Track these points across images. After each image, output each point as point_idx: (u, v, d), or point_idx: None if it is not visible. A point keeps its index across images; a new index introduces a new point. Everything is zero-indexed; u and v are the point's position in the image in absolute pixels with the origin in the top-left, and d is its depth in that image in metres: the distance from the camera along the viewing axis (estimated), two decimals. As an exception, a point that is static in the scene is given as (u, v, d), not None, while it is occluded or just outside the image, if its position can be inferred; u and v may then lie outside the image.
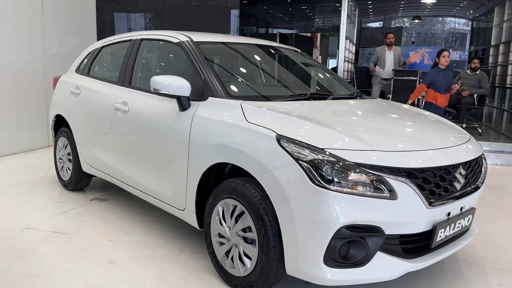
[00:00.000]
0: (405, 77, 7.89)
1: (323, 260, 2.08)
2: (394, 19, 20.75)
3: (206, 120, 2.61)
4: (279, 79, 3.53)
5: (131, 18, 13.36)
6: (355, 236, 2.09)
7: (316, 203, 2.05)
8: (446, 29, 20.54)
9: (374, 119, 2.79)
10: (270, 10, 12.40)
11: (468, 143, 2.63)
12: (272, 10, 12.39)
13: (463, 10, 15.12)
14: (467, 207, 2.49)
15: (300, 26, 13.72)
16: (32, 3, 6.03)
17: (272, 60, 3.60)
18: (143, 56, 3.50)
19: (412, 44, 23.17)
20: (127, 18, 13.36)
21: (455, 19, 19.16)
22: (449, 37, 20.42)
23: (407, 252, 2.26)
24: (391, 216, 2.10)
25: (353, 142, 2.19)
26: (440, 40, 20.89)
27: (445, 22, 21.09)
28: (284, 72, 3.59)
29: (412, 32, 23.12)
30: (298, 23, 13.30)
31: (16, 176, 4.77)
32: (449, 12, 17.26)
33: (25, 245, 3.04)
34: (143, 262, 2.83)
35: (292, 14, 12.53)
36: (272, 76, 3.56)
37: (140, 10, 12.67)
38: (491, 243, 3.37)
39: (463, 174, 2.41)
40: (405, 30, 22.74)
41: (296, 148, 2.14)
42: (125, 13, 13.09)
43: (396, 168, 2.12)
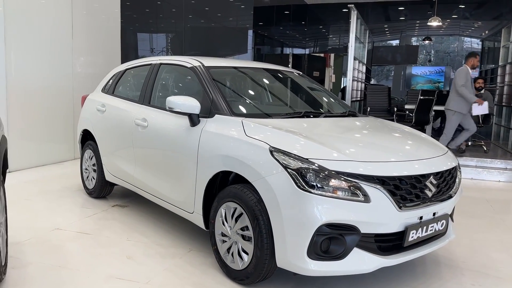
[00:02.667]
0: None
1: (307, 254, 2.44)
2: (410, 37, 21.07)
3: (212, 134, 3.03)
4: (280, 98, 3.95)
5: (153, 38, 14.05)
6: (334, 233, 2.45)
7: (301, 205, 2.43)
8: (466, 47, 20.69)
9: (357, 134, 3.18)
10: (285, 31, 12.91)
11: (442, 156, 2.98)
12: (287, 31, 12.89)
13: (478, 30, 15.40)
14: (440, 213, 2.82)
15: (313, 46, 14.19)
16: (63, 26, 6.63)
17: (274, 81, 4.02)
18: (161, 78, 3.96)
19: (429, 62, 23.40)
20: (149, 38, 14.06)
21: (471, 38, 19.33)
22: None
23: (382, 249, 2.61)
24: (365, 217, 2.46)
25: (333, 153, 2.57)
26: (460, 58, 21.04)
27: (463, 41, 21.27)
28: (284, 92, 4.01)
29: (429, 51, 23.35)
30: (312, 44, 13.76)
31: (46, 185, 5.27)
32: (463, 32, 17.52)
33: (54, 242, 3.48)
34: (156, 258, 3.23)
35: (306, 35, 12.98)
36: (273, 96, 3.97)
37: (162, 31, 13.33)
38: (474, 250, 3.67)
39: (434, 183, 2.75)
40: (424, 48, 23.01)
41: (285, 158, 2.54)
42: (147, 34, 13.78)
43: (370, 176, 2.49)
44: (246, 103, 3.57)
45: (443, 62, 21.64)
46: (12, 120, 5.88)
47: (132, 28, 13.15)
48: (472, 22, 14.28)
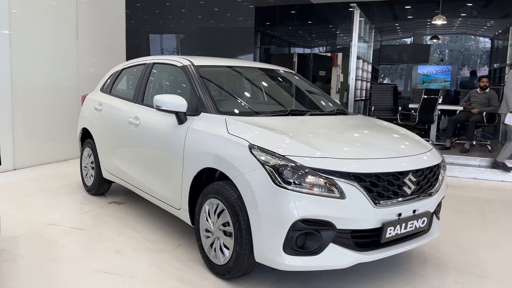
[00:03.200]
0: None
1: (283, 249, 2.49)
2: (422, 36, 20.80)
3: (198, 132, 3.09)
4: (268, 97, 4.00)
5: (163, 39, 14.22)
6: (309, 229, 2.49)
7: (277, 201, 2.48)
8: (481, 46, 20.38)
9: (339, 132, 3.21)
10: (291, 31, 12.93)
11: (424, 154, 3.00)
12: (293, 31, 12.91)
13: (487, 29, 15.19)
14: (421, 211, 2.83)
15: (320, 45, 14.17)
16: (68, 27, 6.78)
17: (264, 80, 4.07)
18: (154, 78, 4.04)
19: (441, 62, 23.09)
20: (160, 39, 14.23)
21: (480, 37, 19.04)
22: (483, 54, 20.23)
23: (359, 245, 2.64)
24: (340, 213, 2.49)
25: (310, 150, 2.61)
26: (475, 57, 20.73)
27: (478, 40, 20.94)
28: (273, 91, 4.05)
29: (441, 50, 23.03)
30: (319, 43, 13.74)
31: (47, 182, 5.39)
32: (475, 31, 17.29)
33: (48, 237, 3.58)
34: (144, 253, 3.30)
35: (312, 34, 12.98)
36: (262, 94, 4.02)
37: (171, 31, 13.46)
38: (463, 248, 3.66)
39: (414, 181, 2.77)
40: (438, 47, 22.72)
41: (263, 155, 2.58)
42: (158, 35, 13.95)
43: (345, 173, 2.53)
44: (233, 101, 3.63)
45: (457, 62, 21.35)
46: (17, 119, 6.03)
47: (144, 29, 13.32)
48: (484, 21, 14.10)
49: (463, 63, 20.16)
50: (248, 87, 3.99)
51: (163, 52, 13.59)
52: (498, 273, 3.19)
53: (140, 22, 13.24)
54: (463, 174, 6.87)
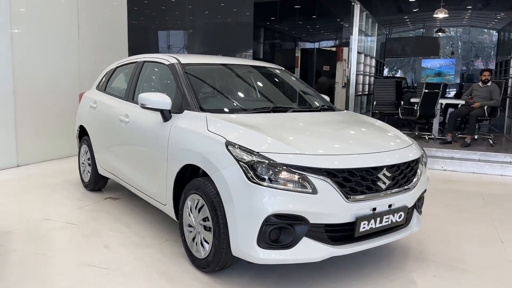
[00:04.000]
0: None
1: (257, 243, 2.55)
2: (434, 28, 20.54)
3: (180, 129, 3.17)
4: (253, 94, 4.05)
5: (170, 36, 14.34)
6: (283, 223, 2.54)
7: (250, 196, 2.54)
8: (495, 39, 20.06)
9: (318, 128, 3.25)
10: (295, 25, 12.91)
11: (402, 149, 3.03)
12: (298, 25, 12.90)
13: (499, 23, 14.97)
14: (397, 205, 2.87)
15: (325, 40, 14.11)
16: (69, 25, 6.91)
17: (251, 77, 4.12)
18: (144, 75, 4.12)
19: (451, 55, 22.80)
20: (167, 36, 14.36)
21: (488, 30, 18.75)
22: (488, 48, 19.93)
23: (334, 239, 2.69)
24: (313, 208, 2.55)
25: (284, 147, 2.66)
26: (488, 49, 20.45)
27: (491, 33, 20.62)
28: (260, 88, 4.10)
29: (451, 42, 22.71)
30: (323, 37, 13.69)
31: (48, 178, 5.53)
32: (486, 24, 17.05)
33: (41, 232, 3.70)
34: (131, 248, 3.40)
35: (317, 29, 12.95)
36: (247, 91, 4.07)
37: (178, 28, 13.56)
38: (448, 243, 3.68)
39: (389, 176, 2.80)
40: (450, 40, 22.42)
41: (238, 151, 2.65)
42: (165, 31, 14.08)
43: (317, 169, 2.58)
44: (218, 99, 3.69)
45: (470, 55, 21.07)
46: (20, 116, 6.18)
47: (153, 26, 13.45)
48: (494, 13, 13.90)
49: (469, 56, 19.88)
50: (234, 84, 4.04)
51: (170, 48, 13.71)
52: (480, 267, 3.22)
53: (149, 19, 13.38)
54: (463, 169, 6.84)
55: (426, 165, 3.31)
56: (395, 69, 25.36)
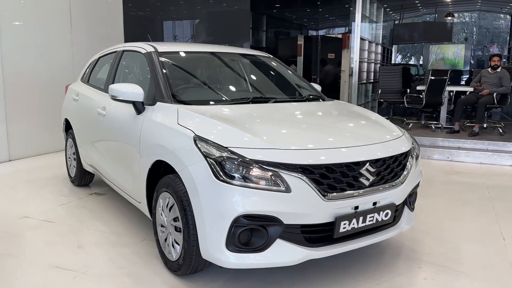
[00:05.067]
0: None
1: (226, 246, 2.34)
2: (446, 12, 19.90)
3: (151, 122, 2.96)
4: (235, 84, 3.81)
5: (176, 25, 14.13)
6: (253, 225, 2.33)
7: (218, 196, 2.33)
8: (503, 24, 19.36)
9: (298, 120, 3.01)
10: (299, 13, 12.55)
11: (389, 142, 2.78)
12: (301, 12, 12.53)
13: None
14: (383, 203, 2.63)
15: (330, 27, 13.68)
16: (61, 17, 6.74)
17: (233, 66, 3.87)
18: (123, 66, 3.92)
19: (465, 41, 22.12)
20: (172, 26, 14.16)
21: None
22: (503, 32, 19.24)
23: (312, 241, 2.47)
24: (286, 208, 2.33)
25: (255, 141, 2.44)
26: (504, 35, 19.75)
27: (507, 18, 19.91)
28: (242, 77, 3.86)
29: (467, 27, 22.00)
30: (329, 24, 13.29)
31: (37, 173, 5.40)
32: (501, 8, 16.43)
33: (16, 231, 3.55)
34: (106, 247, 3.22)
35: (321, 16, 12.56)
36: (228, 81, 3.83)
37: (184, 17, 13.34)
38: (445, 240, 3.44)
39: (373, 171, 2.56)
40: (465, 25, 21.73)
41: (206, 147, 2.43)
42: (171, 21, 13.86)
43: (291, 165, 2.35)
44: (194, 89, 3.46)
45: (485, 40, 20.39)
46: (11, 111, 6.05)
47: (159, 17, 13.25)
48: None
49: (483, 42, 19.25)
50: (215, 73, 3.81)
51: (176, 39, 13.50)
52: (475, 269, 2.97)
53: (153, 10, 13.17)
54: (470, 159, 6.54)
55: (419, 158, 3.07)
56: (408, 56, 24.74)
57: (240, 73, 3.86)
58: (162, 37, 12.76)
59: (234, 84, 3.80)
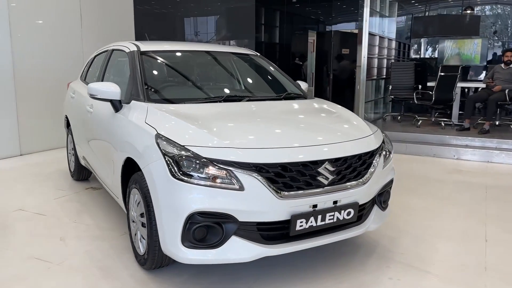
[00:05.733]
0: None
1: (181, 241, 2.41)
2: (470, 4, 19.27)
3: (125, 120, 3.05)
4: (213, 82, 3.85)
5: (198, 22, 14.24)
6: (208, 222, 2.38)
7: (174, 193, 2.40)
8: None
9: (265, 118, 3.03)
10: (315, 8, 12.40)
11: (354, 141, 2.77)
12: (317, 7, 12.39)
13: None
14: (344, 202, 2.63)
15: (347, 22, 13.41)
16: (71, 14, 6.95)
17: (213, 65, 3.92)
18: (112, 64, 4.03)
19: (494, 34, 21.34)
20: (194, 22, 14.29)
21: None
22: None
23: (269, 238, 2.50)
24: (240, 205, 2.37)
25: (213, 140, 2.49)
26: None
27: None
28: (222, 75, 3.91)
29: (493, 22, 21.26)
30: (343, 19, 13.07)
31: (43, 167, 5.61)
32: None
33: (9, 223, 3.72)
34: (86, 241, 3.35)
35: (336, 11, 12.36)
36: (206, 80, 3.88)
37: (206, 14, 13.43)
38: (423, 240, 3.39)
39: (332, 170, 2.57)
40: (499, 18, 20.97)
41: (165, 145, 2.50)
42: (192, 18, 13.99)
43: (245, 163, 2.39)
44: (170, 88, 3.52)
45: (510, 35, 19.59)
46: (22, 106, 6.30)
47: (179, 14, 13.41)
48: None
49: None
50: (194, 72, 3.87)
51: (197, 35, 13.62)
52: (444, 269, 2.93)
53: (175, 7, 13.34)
54: (476, 158, 6.38)
55: (390, 156, 3.05)
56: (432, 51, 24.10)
57: (220, 71, 3.90)
58: (183, 35, 12.89)
59: (211, 82, 3.85)
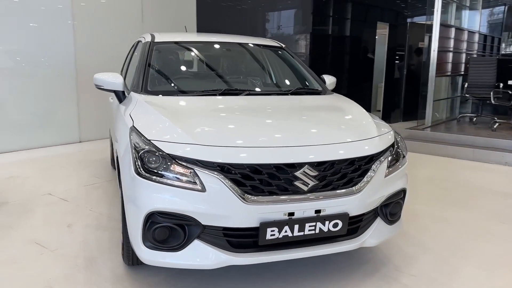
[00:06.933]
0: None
1: (142, 242, 2.27)
2: None
3: (121, 110, 3.00)
4: (217, 75, 3.64)
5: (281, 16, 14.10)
6: (169, 223, 2.22)
7: (134, 190, 2.27)
8: None
9: (253, 114, 2.79)
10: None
11: (346, 144, 2.44)
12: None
13: None
14: (330, 212, 2.32)
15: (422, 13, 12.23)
16: (133, 11, 7.21)
17: (228, 57, 3.73)
18: (135, 56, 4.03)
19: None
20: (277, 16, 14.18)
21: None
22: None
23: (239, 246, 2.28)
24: (202, 208, 2.17)
25: (181, 136, 2.31)
26: None
27: None
28: (228, 68, 3.70)
29: None
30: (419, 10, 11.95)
31: (91, 155, 5.88)
32: None
33: (31, 206, 3.89)
34: (90, 230, 3.37)
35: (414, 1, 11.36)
36: (211, 72, 3.68)
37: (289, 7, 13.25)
38: (445, 263, 2.92)
39: (313, 175, 2.27)
40: None
41: (136, 138, 2.38)
42: (275, 12, 13.88)
43: (209, 162, 2.18)
44: (172, 80, 3.39)
45: None
46: (82, 97, 6.68)
47: (260, 8, 13.42)
48: None
49: None
50: (202, 64, 3.71)
51: (279, 29, 13.51)
52: None
53: (256, 1, 13.35)
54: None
55: (401, 163, 2.64)
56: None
57: (231, 63, 3.71)
58: (263, 29, 12.82)
59: (218, 74, 3.66)
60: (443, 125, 7.78)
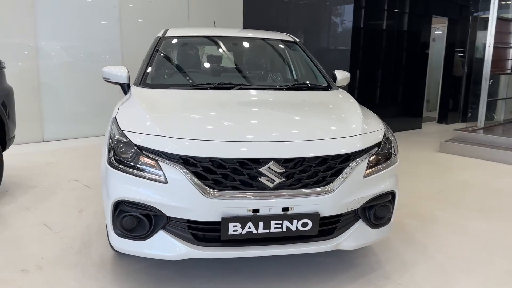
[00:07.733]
0: None
1: (113, 229, 2.35)
2: None
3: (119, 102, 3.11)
4: (217, 69, 3.61)
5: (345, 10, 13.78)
6: (135, 212, 2.27)
7: (106, 179, 2.36)
8: None
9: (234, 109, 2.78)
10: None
11: (323, 141, 2.33)
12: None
13: None
14: (299, 210, 2.24)
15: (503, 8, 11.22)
16: (179, 6, 7.42)
17: (231, 51, 3.70)
18: (151, 49, 4.14)
19: None
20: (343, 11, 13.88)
21: None
22: None
23: (203, 239, 2.28)
24: (164, 199, 2.20)
25: (150, 128, 2.35)
26: None
27: None
28: (232, 62, 3.66)
29: None
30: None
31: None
32: None
33: (55, 189, 4.15)
34: (96, 217, 3.50)
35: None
36: (213, 66, 3.66)
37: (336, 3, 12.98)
38: (442, 272, 2.70)
39: (280, 172, 2.20)
40: None
41: (113, 129, 2.46)
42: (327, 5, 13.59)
43: (172, 154, 2.20)
44: (171, 73, 3.44)
45: None
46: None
47: (327, 4, 13.22)
48: None
49: None
50: (208, 58, 3.71)
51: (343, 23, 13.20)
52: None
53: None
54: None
55: (388, 163, 2.49)
56: None
57: (236, 58, 3.68)
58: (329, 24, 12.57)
59: (219, 68, 3.64)
60: (498, 128, 7.19)
